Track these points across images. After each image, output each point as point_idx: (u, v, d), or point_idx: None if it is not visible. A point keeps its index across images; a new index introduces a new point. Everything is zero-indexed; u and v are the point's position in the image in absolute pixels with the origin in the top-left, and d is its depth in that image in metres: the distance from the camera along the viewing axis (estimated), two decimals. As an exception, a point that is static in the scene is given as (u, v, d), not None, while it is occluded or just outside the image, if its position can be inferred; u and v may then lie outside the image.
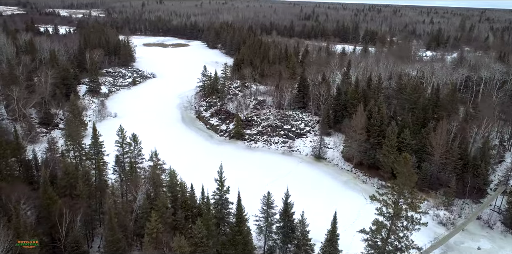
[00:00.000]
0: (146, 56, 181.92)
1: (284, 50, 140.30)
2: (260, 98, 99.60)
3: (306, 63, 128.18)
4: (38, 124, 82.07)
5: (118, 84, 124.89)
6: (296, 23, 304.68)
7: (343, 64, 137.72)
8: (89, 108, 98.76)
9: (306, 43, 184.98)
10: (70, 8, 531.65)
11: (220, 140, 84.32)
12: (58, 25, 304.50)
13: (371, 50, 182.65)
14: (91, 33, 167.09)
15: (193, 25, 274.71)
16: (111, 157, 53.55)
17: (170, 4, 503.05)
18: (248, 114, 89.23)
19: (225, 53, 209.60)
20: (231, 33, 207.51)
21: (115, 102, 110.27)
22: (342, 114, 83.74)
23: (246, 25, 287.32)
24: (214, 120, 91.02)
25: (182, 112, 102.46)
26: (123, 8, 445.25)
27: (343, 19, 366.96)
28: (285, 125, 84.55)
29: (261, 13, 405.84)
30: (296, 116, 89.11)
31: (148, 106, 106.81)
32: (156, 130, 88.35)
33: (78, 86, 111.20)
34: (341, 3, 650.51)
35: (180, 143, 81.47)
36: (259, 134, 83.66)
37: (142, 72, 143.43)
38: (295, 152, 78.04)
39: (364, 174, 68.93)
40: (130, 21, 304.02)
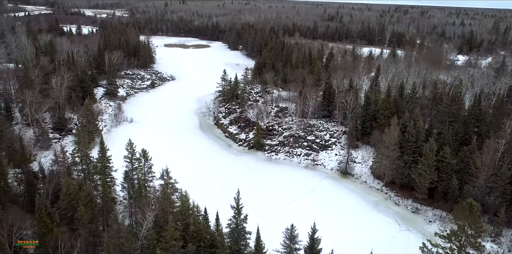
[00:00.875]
0: (166, 58, 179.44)
1: (308, 54, 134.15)
2: (282, 105, 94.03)
3: (331, 67, 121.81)
4: (51, 129, 79.33)
5: (136, 87, 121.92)
6: (320, 25, 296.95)
7: (370, 69, 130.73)
8: (105, 112, 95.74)
9: (330, 46, 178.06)
10: (95, 8, 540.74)
11: (238, 150, 79.31)
12: (82, 25, 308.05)
13: (399, 53, 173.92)
14: (112, 34, 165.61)
15: (215, 26, 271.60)
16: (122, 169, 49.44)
17: (193, 4, 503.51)
18: (269, 123, 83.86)
19: (246, 55, 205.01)
20: (253, 35, 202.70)
21: (132, 106, 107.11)
22: (371, 125, 77.25)
23: (268, 26, 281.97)
24: (233, 129, 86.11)
25: (200, 118, 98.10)
26: (146, 8, 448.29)
27: (368, 20, 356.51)
28: (309, 136, 78.69)
29: (283, 14, 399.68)
30: (321, 126, 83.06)
31: (165, 110, 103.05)
32: (172, 137, 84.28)
33: (96, 89, 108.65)
34: (366, 3, 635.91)
35: (197, 152, 76.98)
36: (281, 145, 78.15)
37: (161, 74, 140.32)
38: (319, 165, 72.09)
39: (396, 194, 62.35)
40: (152, 21, 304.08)
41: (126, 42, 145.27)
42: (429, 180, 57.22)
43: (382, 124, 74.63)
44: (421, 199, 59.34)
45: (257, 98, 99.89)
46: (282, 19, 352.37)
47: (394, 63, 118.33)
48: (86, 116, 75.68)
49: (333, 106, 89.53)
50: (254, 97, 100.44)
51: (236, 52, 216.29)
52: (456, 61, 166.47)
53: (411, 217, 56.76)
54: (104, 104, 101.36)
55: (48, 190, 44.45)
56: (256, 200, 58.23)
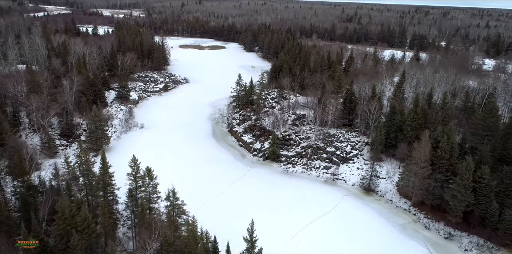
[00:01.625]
0: (181, 59, 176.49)
1: (327, 57, 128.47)
2: (299, 113, 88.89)
3: (351, 72, 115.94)
4: (59, 135, 76.27)
5: (149, 90, 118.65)
6: (338, 26, 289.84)
7: (393, 73, 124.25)
8: (115, 117, 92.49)
9: (350, 48, 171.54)
10: (113, 8, 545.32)
11: (253, 160, 74.61)
12: (99, 25, 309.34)
13: (422, 57, 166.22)
14: (127, 35, 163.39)
15: (231, 27, 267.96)
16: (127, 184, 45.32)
17: (209, 4, 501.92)
18: (285, 132, 78.89)
19: (262, 57, 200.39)
20: (269, 36, 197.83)
21: (144, 110, 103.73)
22: (396, 137, 71.40)
23: (285, 27, 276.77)
24: (247, 137, 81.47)
25: (213, 124, 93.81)
26: (163, 9, 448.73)
27: (388, 21, 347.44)
28: (328, 147, 73.35)
29: (300, 15, 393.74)
30: (341, 136, 77.59)
31: (177, 116, 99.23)
32: (183, 145, 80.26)
33: (107, 92, 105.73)
34: (385, 4, 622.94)
35: (209, 163, 72.64)
36: (298, 156, 73.08)
37: (174, 77, 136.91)
38: (339, 180, 66.72)
39: (426, 216, 56.50)
40: (168, 21, 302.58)
41: (140, 43, 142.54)
42: (465, 203, 51.32)
43: (408, 137, 68.88)
44: (455, 223, 53.45)
45: (273, 105, 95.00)
46: (299, 20, 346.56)
47: (420, 68, 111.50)
48: (94, 122, 72.23)
49: (355, 115, 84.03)
50: (270, 103, 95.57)
51: (252, 54, 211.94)
52: (484, 65, 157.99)
53: (444, 243, 50.97)
54: (115, 108, 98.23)
55: (45, 209, 40.69)
56: (270, 220, 53.54)
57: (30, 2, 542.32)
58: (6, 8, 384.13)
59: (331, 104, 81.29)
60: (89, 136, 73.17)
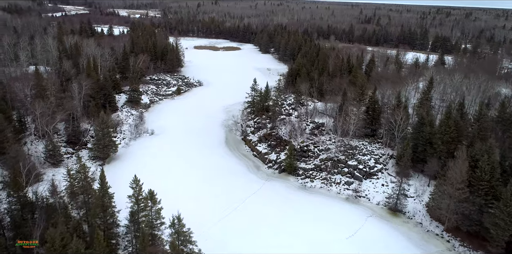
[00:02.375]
0: (195, 61, 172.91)
1: (347, 60, 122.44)
2: (318, 121, 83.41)
3: (373, 77, 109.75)
4: (65, 142, 72.81)
5: (161, 93, 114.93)
6: (356, 27, 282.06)
7: (417, 78, 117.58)
8: (125, 123, 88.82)
9: (370, 51, 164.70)
10: (130, 8, 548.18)
11: (268, 173, 69.56)
12: (115, 25, 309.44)
13: (447, 60, 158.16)
14: (141, 36, 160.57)
15: (246, 28, 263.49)
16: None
17: (225, 5, 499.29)
18: (303, 142, 73.57)
19: (278, 59, 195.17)
20: (286, 38, 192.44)
21: (155, 115, 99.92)
22: (425, 151, 65.28)
23: (302, 28, 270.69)
24: (262, 147, 76.48)
25: (226, 132, 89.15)
26: (179, 9, 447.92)
27: (408, 22, 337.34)
28: (350, 160, 67.71)
29: (317, 15, 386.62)
30: (364, 148, 71.82)
31: (189, 121, 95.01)
32: (194, 154, 75.86)
33: (118, 95, 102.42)
34: (405, 4, 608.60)
35: (220, 174, 68.00)
36: (317, 170, 67.67)
37: (188, 79, 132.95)
38: (362, 198, 61.07)
39: (461, 243, 50.44)
40: (183, 22, 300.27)
41: (153, 45, 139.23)
42: (508, 232, 45.17)
43: (439, 151, 62.76)
44: (496, 254, 47.33)
45: (290, 112, 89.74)
46: (316, 20, 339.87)
47: (447, 73, 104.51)
48: (101, 129, 68.43)
49: (378, 125, 78.12)
50: (286, 110, 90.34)
51: (268, 55, 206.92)
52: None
53: (483, 277, 44.96)
54: (125, 113, 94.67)
55: (37, 232, 36.63)
56: (288, 242, 48.46)
57: (50, 2, 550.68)
58: (26, 8, 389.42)
59: (353, 113, 75.58)
60: (96, 144, 69.44)
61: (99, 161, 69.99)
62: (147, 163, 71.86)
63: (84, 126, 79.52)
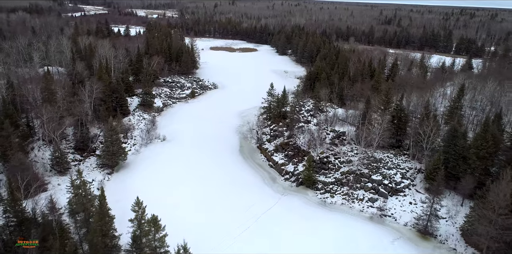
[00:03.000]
0: (210, 62, 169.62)
1: (368, 64, 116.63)
2: (338, 129, 78.27)
3: (397, 82, 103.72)
4: (73, 149, 69.88)
5: (174, 96, 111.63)
6: (376, 28, 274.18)
7: (443, 84, 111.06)
8: (137, 127, 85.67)
9: (392, 53, 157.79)
10: (148, 8, 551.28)
11: (284, 186, 64.95)
12: (133, 25, 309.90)
13: (475, 64, 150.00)
14: (156, 37, 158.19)
15: (263, 28, 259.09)
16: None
17: (243, 5, 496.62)
18: (323, 153, 68.64)
19: (296, 61, 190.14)
20: (304, 39, 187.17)
21: (167, 119, 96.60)
22: (457, 165, 59.51)
23: (320, 29, 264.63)
24: (279, 157, 71.87)
25: (241, 139, 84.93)
26: (196, 9, 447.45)
27: (430, 24, 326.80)
28: (374, 174, 62.47)
29: (336, 16, 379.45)
30: (389, 161, 66.42)
31: (202, 127, 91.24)
32: (206, 163, 71.92)
33: (131, 98, 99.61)
34: (426, 5, 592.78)
35: (234, 186, 63.84)
36: (338, 184, 62.70)
37: (202, 82, 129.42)
38: (388, 218, 55.81)
39: (502, 275, 44.76)
40: (200, 22, 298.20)
41: (168, 46, 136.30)
42: (562, 268, 39.38)
43: (474, 167, 56.96)
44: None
45: (309, 119, 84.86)
46: (334, 21, 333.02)
47: (478, 79, 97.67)
48: (110, 136, 65.16)
49: (404, 135, 72.49)
50: (305, 116, 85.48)
51: (285, 57, 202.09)
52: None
53: None
54: (137, 117, 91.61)
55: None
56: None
57: (70, 2, 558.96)
58: (47, 8, 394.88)
59: (377, 122, 70.17)
60: (104, 151, 66.27)
61: (108, 169, 66.81)
62: (157, 171, 68.39)
63: (94, 131, 76.63)
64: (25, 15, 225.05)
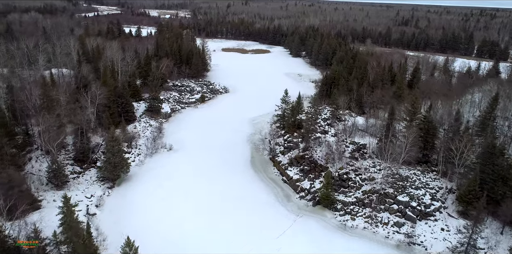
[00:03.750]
0: (222, 64, 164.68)
1: (388, 68, 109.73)
2: (358, 141, 72.01)
3: (421, 89, 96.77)
4: (72, 160, 65.29)
5: (183, 101, 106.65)
6: (393, 30, 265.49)
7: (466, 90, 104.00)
8: (142, 135, 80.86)
9: (412, 56, 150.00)
10: (161, 8, 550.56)
11: (300, 205, 59.07)
12: (145, 26, 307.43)
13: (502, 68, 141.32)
14: (166, 38, 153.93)
15: (276, 29, 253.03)
16: None
17: (256, 5, 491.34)
18: (342, 169, 62.54)
19: (310, 63, 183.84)
20: (318, 41, 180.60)
21: (175, 125, 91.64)
22: (496, 187, 52.81)
23: (335, 31, 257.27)
24: (294, 172, 65.98)
25: (252, 149, 79.31)
26: (209, 10, 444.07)
27: (450, 25, 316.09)
28: (400, 195, 56.14)
29: (351, 17, 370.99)
30: (416, 179, 59.98)
31: (212, 135, 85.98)
32: (215, 175, 66.72)
33: (138, 103, 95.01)
34: (443, 5, 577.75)
35: (243, 203, 58.37)
36: (359, 204, 56.58)
37: (213, 86, 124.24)
38: (417, 246, 49.45)
39: None
40: (212, 23, 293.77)
41: (178, 48, 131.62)
42: None
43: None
44: None
45: (325, 128, 78.72)
46: (349, 22, 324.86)
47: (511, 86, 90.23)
48: (111, 147, 60.31)
49: (432, 150, 65.86)
50: (321, 126, 79.36)
51: (298, 59, 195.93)
52: None
53: None
54: (143, 123, 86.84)
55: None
56: None
57: (85, 2, 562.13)
58: (61, 8, 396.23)
59: (402, 134, 63.66)
60: (105, 162, 61.46)
61: (108, 183, 61.99)
62: (161, 185, 63.34)
63: (96, 140, 72.00)
64: (38, 16, 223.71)
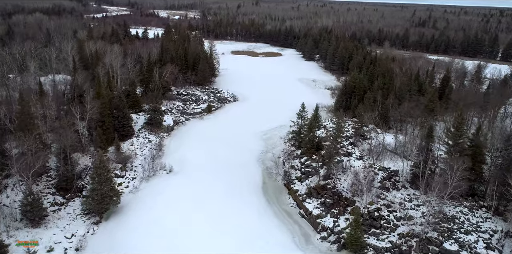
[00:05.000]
0: (231, 68, 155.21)
1: (415, 77, 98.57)
2: (389, 167, 61.42)
3: (455, 101, 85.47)
4: (54, 188, 56.11)
5: (188, 112, 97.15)
6: (411, 31, 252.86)
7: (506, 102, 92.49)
8: (140, 154, 71.47)
9: (439, 61, 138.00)
10: (171, 9, 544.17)
11: (321, 249, 48.86)
12: (154, 27, 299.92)
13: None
14: (172, 41, 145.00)
15: (288, 31, 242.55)
16: None
17: (266, 6, 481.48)
18: (372, 204, 52.13)
19: (324, 67, 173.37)
20: (334, 44, 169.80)
21: (177, 140, 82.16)
22: None
23: (349, 32, 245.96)
24: (313, 205, 55.70)
25: (264, 172, 69.26)
26: (218, 10, 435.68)
27: (469, 26, 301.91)
28: (447, 241, 45.52)
29: (365, 18, 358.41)
30: (465, 220, 49.27)
31: (217, 152, 76.20)
32: (220, 205, 57.05)
33: (137, 115, 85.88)
34: (461, 6, 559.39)
35: (253, 243, 48.45)
36: (395, 251, 46.11)
37: (221, 93, 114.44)
38: None
39: None
40: (222, 24, 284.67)
41: (185, 52, 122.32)
42: None
43: None
44: None
45: (349, 149, 68.23)
46: (364, 23, 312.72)
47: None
48: (98, 175, 50.90)
49: (483, 181, 54.98)
50: (344, 146, 68.85)
51: (312, 63, 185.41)
52: None
53: None
54: (142, 139, 77.52)
55: None
56: None
57: (95, 3, 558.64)
58: (69, 8, 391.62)
59: (444, 160, 52.95)
60: (91, 192, 52.07)
61: (94, 217, 52.63)
62: (157, 218, 53.73)
63: (86, 162, 62.78)
64: (42, 17, 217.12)
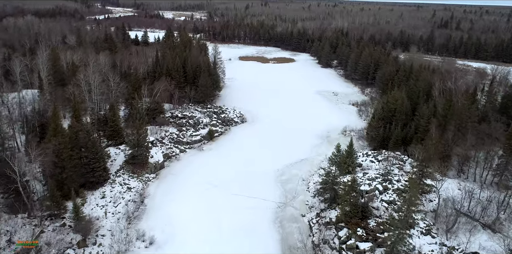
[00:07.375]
0: (238, 78, 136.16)
1: (472, 95, 77.65)
2: (466, 246, 40.92)
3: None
4: None
5: (184, 140, 77.44)
6: (437, 34, 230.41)
7: None
8: (113, 212, 51.98)
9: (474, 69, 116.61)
10: (177, 10, 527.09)
11: None
12: (157, 29, 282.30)
13: None
14: (173, 47, 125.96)
15: (301, 34, 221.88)
16: None
17: (276, 6, 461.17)
18: None
19: (344, 75, 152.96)
20: (356, 50, 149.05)
21: (165, 188, 61.72)
22: None
23: (366, 35, 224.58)
24: None
25: (283, 242, 49.13)
26: (226, 11, 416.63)
27: (496, 27, 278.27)
28: None
29: (382, 19, 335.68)
30: None
31: (218, 208, 56.10)
32: None
33: (117, 148, 66.75)
34: (480, 5, 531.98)
35: None
36: None
37: (225, 113, 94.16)
38: None
39: None
40: (229, 26, 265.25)
41: (184, 62, 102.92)
42: None
43: None
44: None
45: (392, 197, 47.75)
46: (382, 25, 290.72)
47: None
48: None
49: None
50: (386, 195, 48.38)
51: (329, 70, 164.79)
52: None
53: None
54: (118, 186, 58.01)
55: None
56: None
57: (100, 3, 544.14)
58: (72, 10, 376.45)
59: None
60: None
61: None
62: None
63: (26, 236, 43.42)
64: (34, 20, 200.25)
